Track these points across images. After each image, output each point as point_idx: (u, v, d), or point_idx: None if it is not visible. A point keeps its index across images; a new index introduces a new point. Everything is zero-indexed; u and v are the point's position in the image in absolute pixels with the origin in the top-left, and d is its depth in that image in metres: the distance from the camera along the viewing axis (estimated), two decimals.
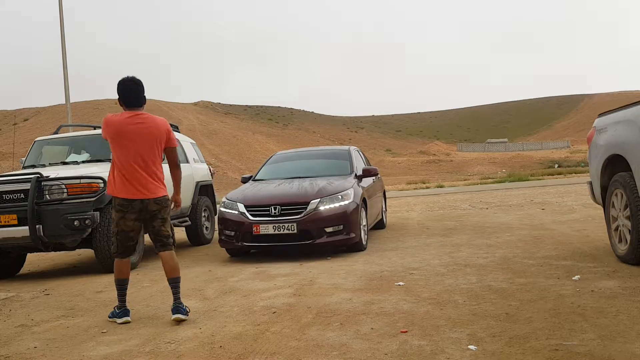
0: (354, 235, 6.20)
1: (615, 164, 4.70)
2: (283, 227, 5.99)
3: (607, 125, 4.85)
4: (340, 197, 6.22)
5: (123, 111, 3.86)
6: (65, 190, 5.67)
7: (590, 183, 5.34)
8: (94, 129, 7.62)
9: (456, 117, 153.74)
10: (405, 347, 2.87)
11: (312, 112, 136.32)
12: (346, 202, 6.20)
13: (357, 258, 5.90)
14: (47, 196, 5.66)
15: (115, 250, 3.89)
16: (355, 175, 7.06)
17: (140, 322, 3.78)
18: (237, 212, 6.24)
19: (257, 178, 7.50)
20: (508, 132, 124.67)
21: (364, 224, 6.64)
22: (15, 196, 5.67)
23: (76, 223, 5.58)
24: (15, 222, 5.60)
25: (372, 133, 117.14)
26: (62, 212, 5.60)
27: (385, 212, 9.08)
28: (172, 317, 3.72)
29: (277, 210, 6.07)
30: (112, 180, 3.80)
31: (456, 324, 3.22)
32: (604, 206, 5.03)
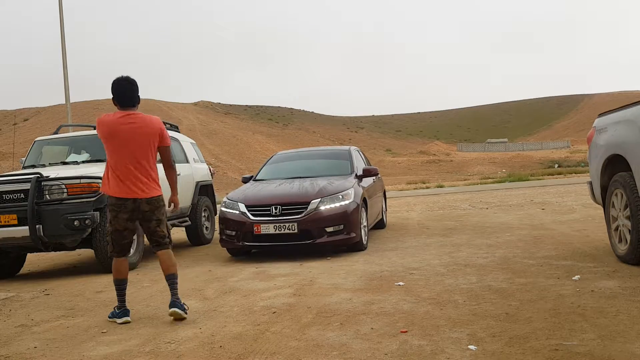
0: (355, 235, 6.20)
1: (615, 164, 4.70)
2: (284, 227, 6.00)
3: (607, 125, 4.85)
4: (340, 197, 6.22)
5: (117, 111, 3.86)
6: (65, 190, 5.68)
7: (590, 183, 5.34)
8: (94, 129, 7.61)
9: (456, 117, 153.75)
10: (405, 347, 2.87)
11: (312, 112, 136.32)
12: (347, 202, 6.21)
13: (357, 258, 5.90)
14: (47, 196, 5.66)
15: (111, 249, 3.90)
16: (355, 175, 7.07)
17: (140, 322, 3.78)
18: (238, 212, 6.25)
19: (258, 178, 7.51)
20: (508, 132, 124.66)
21: (365, 224, 6.65)
22: (15, 196, 5.68)
23: (76, 223, 5.59)
24: (15, 222, 5.61)
25: (372, 133, 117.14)
26: (62, 212, 5.60)
27: (385, 212, 9.09)
28: (169, 311, 3.73)
29: (278, 210, 6.08)
30: (107, 179, 3.82)
31: (456, 324, 3.22)
32: (604, 206, 5.03)
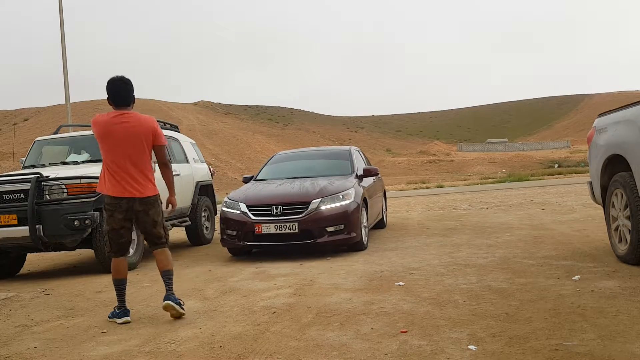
0: (355, 234, 6.21)
1: (615, 164, 4.70)
2: (285, 227, 6.01)
3: (607, 125, 4.85)
4: (341, 197, 6.23)
5: (111, 111, 3.87)
6: (65, 190, 5.68)
7: (590, 183, 5.33)
8: None
9: (456, 117, 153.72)
10: (405, 347, 2.87)
11: (312, 112, 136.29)
12: (347, 202, 6.22)
13: (357, 258, 5.90)
14: (47, 196, 5.66)
15: (108, 249, 3.92)
16: (356, 175, 7.07)
17: (140, 322, 3.78)
18: (239, 212, 6.26)
19: (259, 178, 7.52)
20: (508, 132, 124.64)
21: (365, 224, 6.65)
22: (15, 196, 5.68)
23: (76, 223, 5.59)
24: (15, 222, 5.61)
25: (372, 133, 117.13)
26: (62, 212, 5.60)
27: (385, 212, 9.09)
28: (163, 304, 3.75)
29: (279, 209, 6.09)
30: (103, 178, 3.84)
31: (456, 324, 3.22)
32: (604, 206, 5.03)
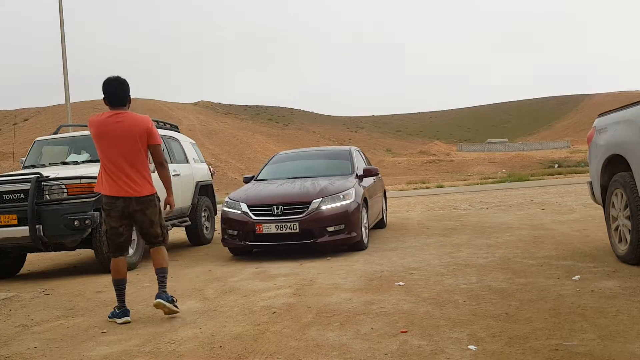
0: (356, 234, 6.22)
1: (615, 164, 4.70)
2: (285, 227, 6.02)
3: (607, 125, 4.85)
4: (341, 197, 6.24)
5: (107, 111, 3.89)
6: (65, 190, 5.68)
7: (590, 183, 5.33)
8: None
9: (456, 117, 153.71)
10: (405, 347, 2.87)
11: (312, 112, 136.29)
12: (347, 202, 6.22)
13: (357, 258, 5.90)
14: (47, 196, 5.66)
15: (107, 249, 3.92)
16: (356, 175, 7.08)
17: (140, 322, 3.78)
18: (240, 212, 6.28)
19: (259, 178, 7.53)
20: (508, 132, 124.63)
21: (365, 224, 6.66)
22: (15, 196, 5.68)
23: (76, 223, 5.60)
24: (15, 222, 5.61)
25: (372, 133, 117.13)
26: (62, 212, 5.61)
27: (385, 212, 9.10)
28: (154, 302, 3.78)
29: (280, 209, 6.10)
30: (101, 178, 3.86)
31: (456, 324, 3.22)
32: (604, 206, 5.03)
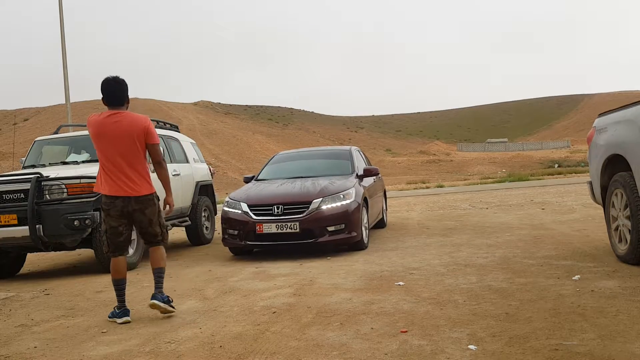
0: (356, 234, 6.23)
1: (615, 164, 4.70)
2: (286, 226, 6.03)
3: (607, 125, 4.85)
4: (342, 197, 6.24)
5: (105, 110, 3.90)
6: (65, 190, 5.68)
7: (590, 183, 5.33)
8: None
9: (456, 117, 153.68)
10: (405, 347, 2.87)
11: (312, 112, 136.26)
12: (348, 202, 6.23)
13: (357, 258, 5.90)
14: (47, 196, 5.66)
15: (106, 249, 3.93)
16: (356, 175, 7.09)
17: (140, 322, 3.79)
18: (241, 212, 6.29)
19: (260, 178, 7.54)
20: (508, 132, 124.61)
21: (365, 223, 6.66)
22: (15, 196, 5.68)
23: (76, 223, 5.60)
24: (15, 222, 5.61)
25: (372, 133, 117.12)
26: (62, 212, 5.61)
27: (385, 212, 9.10)
28: (149, 303, 3.82)
29: (280, 209, 6.11)
30: (100, 178, 3.87)
31: (456, 324, 3.22)
32: (604, 206, 5.03)
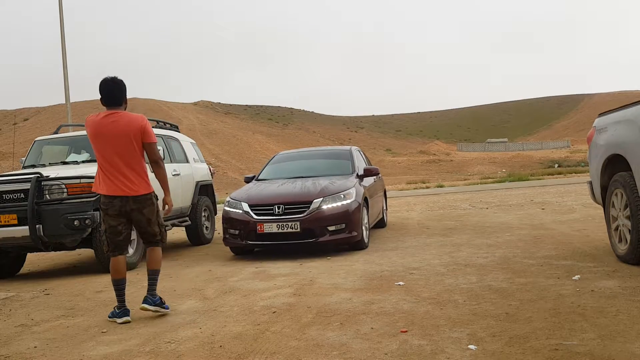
0: (356, 233, 6.24)
1: (615, 164, 4.70)
2: (286, 226, 6.04)
3: (607, 125, 4.85)
4: (342, 197, 6.25)
5: (103, 111, 3.92)
6: (65, 190, 5.68)
7: (590, 183, 5.33)
8: None
9: (456, 117, 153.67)
10: (405, 347, 2.87)
11: (312, 112, 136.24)
12: (348, 201, 6.24)
13: (357, 258, 5.90)
14: (47, 196, 5.66)
15: (106, 248, 3.95)
16: (356, 175, 7.10)
17: (140, 322, 3.79)
18: (242, 211, 6.30)
19: (260, 178, 7.55)
20: (508, 132, 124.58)
21: (366, 223, 6.67)
22: (15, 196, 5.68)
23: (76, 223, 5.60)
24: (15, 222, 5.61)
25: (372, 133, 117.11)
26: (62, 212, 5.61)
27: (386, 211, 9.11)
28: (139, 307, 3.88)
29: (281, 209, 6.12)
30: (98, 178, 3.88)
31: (456, 324, 3.22)
32: (604, 206, 5.03)
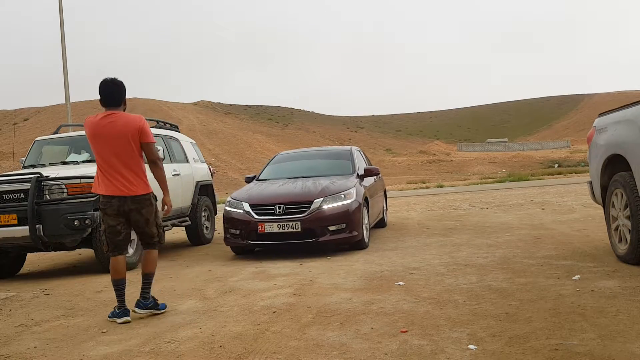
0: (357, 233, 6.24)
1: (615, 164, 4.70)
2: (287, 226, 6.05)
3: (607, 125, 4.85)
4: (343, 196, 6.26)
5: (102, 111, 3.93)
6: (65, 190, 5.68)
7: (590, 183, 5.33)
8: None
9: (456, 117, 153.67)
10: (405, 347, 2.87)
11: (312, 112, 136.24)
12: (349, 201, 6.24)
13: (357, 258, 5.90)
14: (47, 196, 5.66)
15: (106, 248, 3.95)
16: (357, 174, 7.11)
17: (140, 322, 3.79)
18: (243, 211, 6.31)
19: (261, 178, 7.56)
20: (508, 132, 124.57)
21: (366, 223, 6.68)
22: (15, 196, 5.68)
23: (76, 223, 5.60)
24: (15, 222, 5.61)
25: (372, 133, 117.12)
26: (62, 212, 5.61)
27: (386, 211, 9.12)
28: (131, 309, 3.90)
29: (282, 209, 6.13)
30: (97, 178, 3.89)
31: (456, 324, 3.22)
32: (604, 206, 5.03)
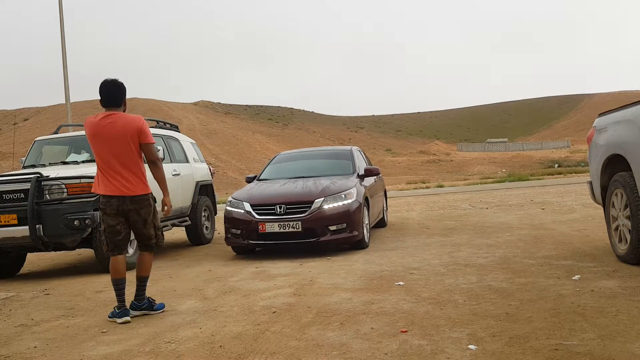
0: (357, 233, 6.25)
1: (615, 164, 4.70)
2: (288, 226, 6.06)
3: (607, 125, 4.85)
4: (343, 196, 6.27)
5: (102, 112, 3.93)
6: (65, 190, 5.68)
7: (590, 183, 5.34)
8: None
9: (456, 117, 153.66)
10: (405, 347, 2.87)
11: (312, 112, 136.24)
12: (349, 201, 6.25)
13: (357, 258, 5.91)
14: (47, 196, 5.67)
15: (106, 247, 3.96)
16: (357, 174, 7.12)
17: (140, 322, 3.79)
18: (243, 211, 6.32)
19: (262, 178, 7.58)
20: (508, 132, 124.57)
21: (367, 222, 6.69)
22: (15, 196, 5.68)
23: (76, 223, 5.60)
24: (15, 222, 5.61)
25: (372, 133, 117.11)
26: (62, 212, 5.61)
27: (386, 211, 9.12)
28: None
29: (282, 209, 6.15)
30: (97, 179, 3.91)
31: (456, 324, 3.22)
32: (604, 206, 5.03)
